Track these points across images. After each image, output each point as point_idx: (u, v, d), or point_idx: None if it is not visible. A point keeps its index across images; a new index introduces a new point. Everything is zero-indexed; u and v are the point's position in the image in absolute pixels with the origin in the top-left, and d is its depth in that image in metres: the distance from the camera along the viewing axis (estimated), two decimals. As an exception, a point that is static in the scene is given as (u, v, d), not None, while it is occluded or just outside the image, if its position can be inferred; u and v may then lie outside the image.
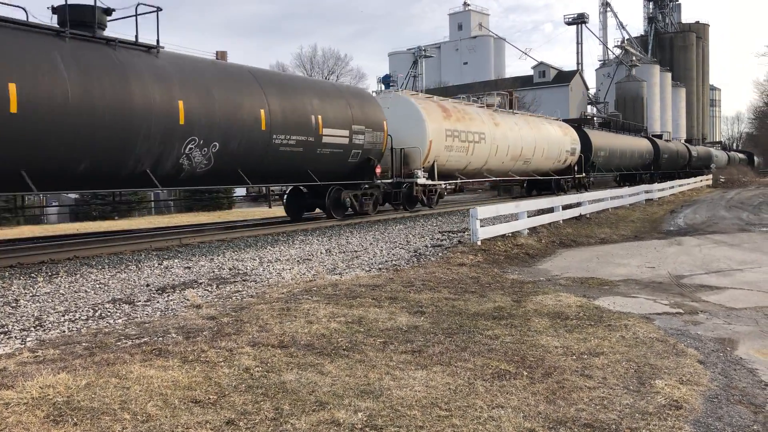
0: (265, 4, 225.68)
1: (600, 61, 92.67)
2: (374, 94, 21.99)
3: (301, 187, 18.09)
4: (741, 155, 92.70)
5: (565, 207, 17.77)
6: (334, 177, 17.26)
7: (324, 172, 16.65)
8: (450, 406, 4.44)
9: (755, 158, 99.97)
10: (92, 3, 11.85)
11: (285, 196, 18.88)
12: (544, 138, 29.82)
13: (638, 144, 45.50)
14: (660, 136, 56.55)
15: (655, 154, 47.64)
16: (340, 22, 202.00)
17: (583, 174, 34.06)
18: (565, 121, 35.63)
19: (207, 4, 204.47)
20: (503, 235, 13.73)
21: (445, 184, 22.86)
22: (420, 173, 20.31)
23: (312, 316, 6.80)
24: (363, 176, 18.18)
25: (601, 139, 36.95)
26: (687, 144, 63.45)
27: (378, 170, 18.45)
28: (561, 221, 17.03)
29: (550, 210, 16.87)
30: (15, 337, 6.18)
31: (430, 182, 20.94)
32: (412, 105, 21.06)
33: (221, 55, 19.05)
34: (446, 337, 6.22)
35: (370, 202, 18.65)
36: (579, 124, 36.95)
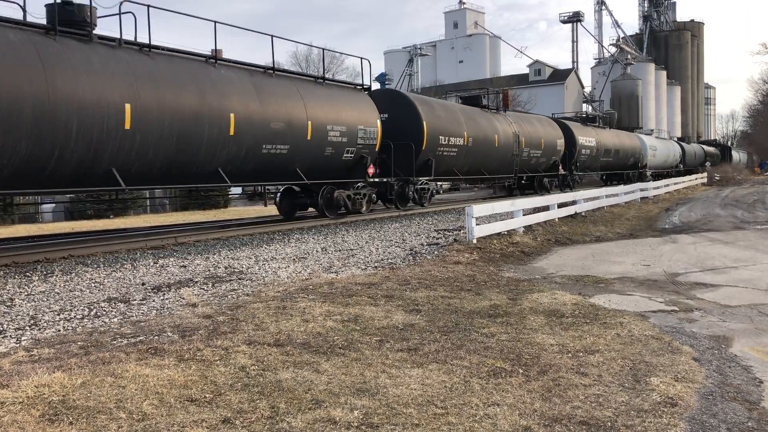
0: (257, 2, 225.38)
1: (595, 59, 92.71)
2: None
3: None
4: (711, 149, 74.93)
5: (561, 205, 17.82)
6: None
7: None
8: (446, 404, 4.45)
9: (733, 153, 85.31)
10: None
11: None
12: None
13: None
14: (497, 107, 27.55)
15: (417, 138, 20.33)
16: (333, 19, 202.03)
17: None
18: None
19: (200, 2, 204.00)
20: (499, 234, 13.75)
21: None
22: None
23: (308, 315, 6.80)
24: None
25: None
26: (568, 121, 34.56)
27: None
28: (556, 219, 17.07)
29: (546, 208, 16.91)
30: (10, 336, 6.16)
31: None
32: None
33: (216, 52, 19.00)
34: (442, 335, 6.22)
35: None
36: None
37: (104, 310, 7.23)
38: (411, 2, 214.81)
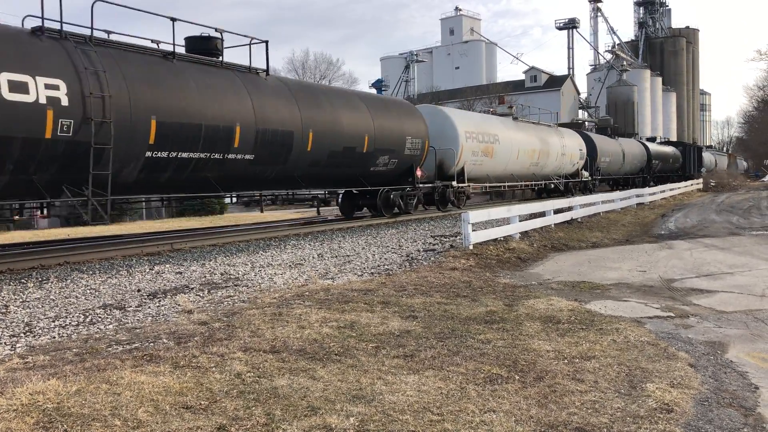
0: (252, 9, 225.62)
1: (591, 65, 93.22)
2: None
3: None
4: (665, 149, 53.63)
5: (557, 211, 17.84)
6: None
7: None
8: (442, 411, 4.44)
9: (706, 156, 67.28)
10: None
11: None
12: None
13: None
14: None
15: None
16: (328, 26, 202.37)
17: None
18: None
19: (196, 9, 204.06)
20: (495, 240, 13.76)
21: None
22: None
23: (304, 321, 6.79)
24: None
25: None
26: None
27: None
28: (553, 225, 17.08)
29: (542, 214, 16.93)
30: (5, 343, 6.14)
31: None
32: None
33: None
34: (438, 342, 6.22)
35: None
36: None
37: (99, 317, 7.20)
38: (406, 9, 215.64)
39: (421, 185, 20.94)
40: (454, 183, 22.69)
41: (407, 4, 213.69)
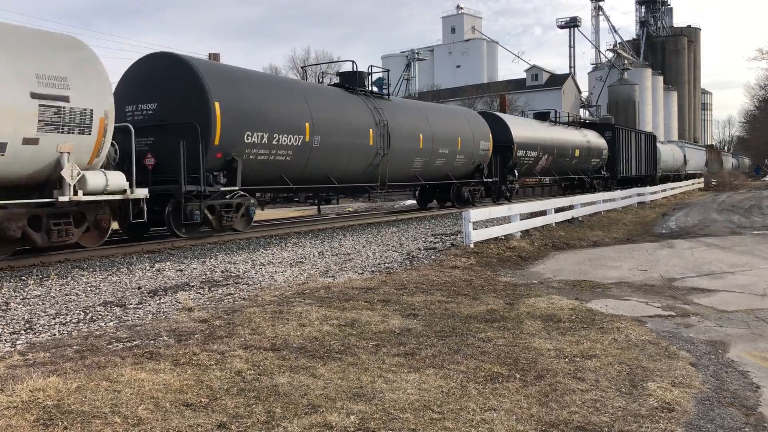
0: (252, 6, 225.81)
1: (592, 64, 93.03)
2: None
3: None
4: (559, 135, 30.43)
5: (558, 210, 17.84)
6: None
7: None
8: (443, 409, 4.43)
9: (664, 149, 48.21)
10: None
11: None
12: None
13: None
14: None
15: None
16: (328, 24, 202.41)
17: None
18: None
19: (194, 6, 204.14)
20: (496, 238, 13.75)
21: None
22: None
23: (304, 319, 6.78)
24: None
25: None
26: None
27: None
28: (553, 224, 17.08)
29: (543, 213, 16.92)
30: (5, 340, 6.14)
31: None
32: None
33: (214, 57, 19.07)
34: (439, 340, 6.21)
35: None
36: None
37: (100, 314, 7.20)
38: (406, 7, 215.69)
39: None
40: None
41: (408, 3, 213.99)
